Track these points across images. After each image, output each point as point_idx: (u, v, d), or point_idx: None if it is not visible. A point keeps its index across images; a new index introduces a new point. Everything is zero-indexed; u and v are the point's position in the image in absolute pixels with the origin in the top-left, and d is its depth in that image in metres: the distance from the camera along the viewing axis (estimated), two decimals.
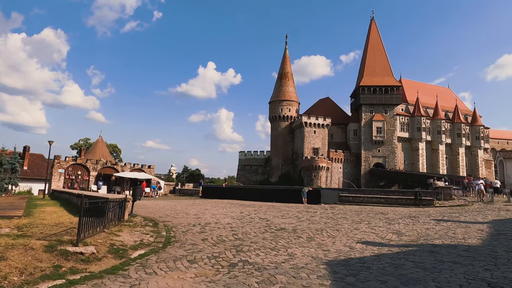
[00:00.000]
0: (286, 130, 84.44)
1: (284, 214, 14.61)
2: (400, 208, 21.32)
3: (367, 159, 75.55)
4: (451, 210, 18.63)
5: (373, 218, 13.63)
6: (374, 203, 24.97)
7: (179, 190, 37.68)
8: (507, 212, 16.45)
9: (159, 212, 15.01)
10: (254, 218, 12.77)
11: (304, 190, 24.55)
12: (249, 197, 27.96)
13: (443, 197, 24.92)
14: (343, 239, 8.87)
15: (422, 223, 12.18)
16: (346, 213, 15.97)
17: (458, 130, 79.88)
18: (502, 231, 9.96)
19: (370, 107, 76.69)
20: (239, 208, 17.36)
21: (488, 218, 13.72)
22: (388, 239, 8.97)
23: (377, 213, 15.94)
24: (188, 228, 10.24)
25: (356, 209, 19.22)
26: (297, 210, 17.06)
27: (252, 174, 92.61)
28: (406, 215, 15.24)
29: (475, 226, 11.28)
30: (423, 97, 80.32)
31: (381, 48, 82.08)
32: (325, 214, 14.79)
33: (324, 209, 17.94)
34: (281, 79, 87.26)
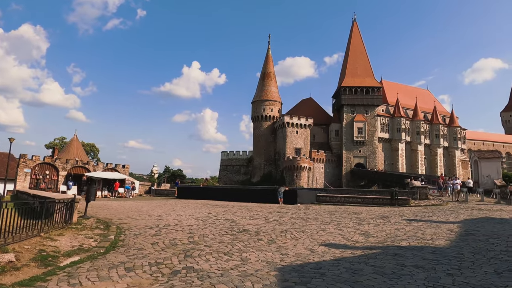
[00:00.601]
0: (269, 130, 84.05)
1: (253, 214, 13.99)
2: (375, 208, 21.07)
3: (349, 159, 76.03)
4: (426, 209, 18.48)
5: (344, 218, 13.19)
6: (351, 203, 24.72)
7: (155, 190, 36.56)
8: (479, 211, 16.37)
9: (122, 213, 14.10)
10: (219, 219, 12.08)
11: (280, 190, 24.02)
12: (225, 198, 27.26)
13: (419, 197, 24.92)
14: (306, 241, 8.31)
15: (393, 223, 11.80)
16: (319, 213, 15.49)
17: (437, 131, 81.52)
18: (471, 231, 9.64)
19: (351, 107, 77.23)
20: (209, 209, 16.63)
21: (460, 218, 13.51)
22: (354, 240, 8.47)
23: (350, 213, 15.53)
24: (143, 230, 9.46)
25: (331, 209, 18.81)
26: (269, 210, 16.47)
27: (234, 174, 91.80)
28: (379, 215, 14.89)
29: (446, 226, 10.96)
30: (403, 98, 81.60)
31: (362, 50, 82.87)
32: (297, 215, 14.25)
33: (298, 209, 17.42)
34: (263, 79, 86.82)
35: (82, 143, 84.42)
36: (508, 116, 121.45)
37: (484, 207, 18.75)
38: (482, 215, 14.42)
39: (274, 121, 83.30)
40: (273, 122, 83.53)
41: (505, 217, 13.67)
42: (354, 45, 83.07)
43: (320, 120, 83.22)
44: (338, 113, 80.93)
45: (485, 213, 15.62)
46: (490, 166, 30.36)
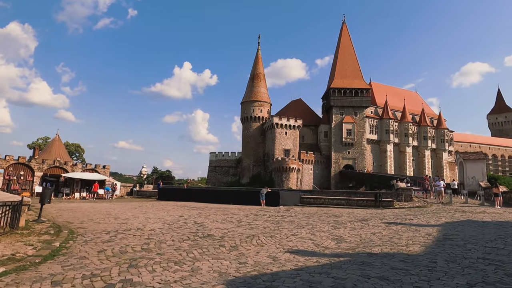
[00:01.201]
0: (258, 131, 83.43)
1: (227, 217, 13.28)
2: (359, 210, 20.56)
3: (337, 160, 75.88)
4: (409, 211, 18.03)
5: (322, 221, 12.58)
6: (335, 205, 24.20)
7: (137, 191, 35.54)
8: (462, 213, 15.96)
9: (87, 216, 13.26)
10: (188, 223, 11.35)
11: (262, 191, 23.37)
12: (208, 199, 26.50)
13: (404, 198, 24.54)
14: (272, 247, 7.64)
15: (371, 226, 11.23)
16: (297, 216, 14.87)
17: (424, 133, 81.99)
18: (450, 235, 9.11)
19: (340, 109, 77.14)
20: (184, 211, 15.87)
21: (442, 221, 13.03)
22: (324, 246, 7.84)
23: (330, 216, 14.94)
24: (98, 236, 8.68)
25: (313, 211, 18.20)
26: (247, 213, 15.79)
27: (223, 176, 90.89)
28: (359, 217, 14.33)
29: (425, 229, 10.43)
30: (391, 100, 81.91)
31: (351, 51, 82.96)
32: (273, 218, 13.59)
33: (277, 212, 16.78)
34: (253, 80, 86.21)
35: (67, 143, 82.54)
36: (495, 118, 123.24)
37: (467, 209, 18.38)
38: (464, 218, 13.98)
39: (263, 122, 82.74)
40: (262, 123, 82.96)
41: (487, 219, 13.24)
42: (344, 46, 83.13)
43: (310, 121, 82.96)
44: (327, 114, 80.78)
45: (468, 215, 15.21)
46: (475, 167, 30.24)
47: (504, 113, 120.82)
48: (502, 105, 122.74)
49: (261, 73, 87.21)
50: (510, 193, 25.01)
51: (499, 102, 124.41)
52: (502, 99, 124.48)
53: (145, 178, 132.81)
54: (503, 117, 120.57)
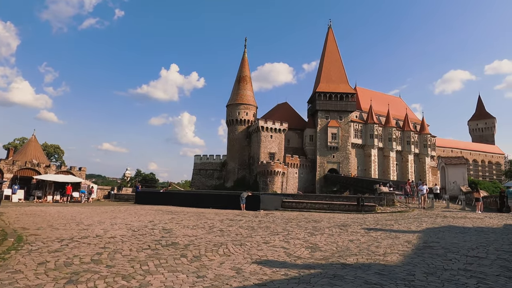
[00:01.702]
0: (243, 134, 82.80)
1: (200, 223, 12.53)
2: (340, 214, 20.10)
3: (322, 164, 75.93)
4: (390, 216, 17.65)
5: (299, 227, 11.98)
6: (317, 209, 23.72)
7: (114, 195, 34.25)
8: (443, 219, 15.66)
9: (48, 221, 12.27)
10: (155, 229, 10.55)
11: (243, 195, 22.67)
12: (187, 203, 25.61)
13: (386, 203, 24.26)
14: (239, 257, 6.96)
15: (350, 233, 10.69)
16: (276, 221, 14.23)
17: (408, 138, 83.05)
18: (430, 243, 8.63)
19: (326, 113, 77.36)
20: (156, 216, 15.01)
21: (423, 226, 12.63)
22: (296, 256, 7.21)
23: (309, 221, 14.37)
24: (47, 244, 7.81)
25: (293, 216, 17.61)
26: (223, 218, 15.05)
27: (207, 179, 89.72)
28: (339, 223, 13.81)
29: (405, 236, 9.95)
30: (376, 105, 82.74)
31: (337, 56, 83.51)
32: (249, 223, 12.91)
33: (255, 217, 16.10)
34: (239, 83, 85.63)
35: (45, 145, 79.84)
36: (475, 124, 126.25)
37: (449, 214, 18.15)
38: (446, 223, 13.63)
39: (249, 125, 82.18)
40: (248, 126, 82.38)
41: (468, 225, 12.92)
42: (329, 51, 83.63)
43: (295, 125, 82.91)
44: (312, 118, 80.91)
45: (449, 220, 14.90)
46: (456, 172, 30.35)
47: (484, 119, 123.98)
48: (483, 112, 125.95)
49: (247, 76, 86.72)
50: (490, 198, 25.09)
51: (479, 109, 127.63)
52: (483, 106, 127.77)
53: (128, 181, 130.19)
54: (483, 123, 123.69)
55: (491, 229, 11.61)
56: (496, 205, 22.27)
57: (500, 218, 15.95)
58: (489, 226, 12.73)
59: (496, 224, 13.24)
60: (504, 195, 21.11)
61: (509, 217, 16.75)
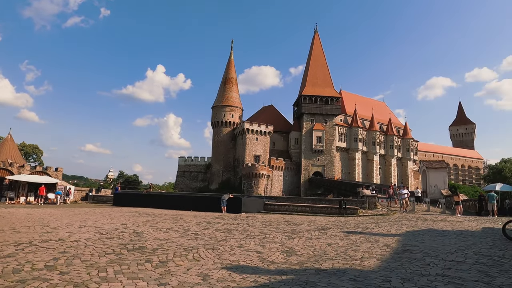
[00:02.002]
0: (228, 136, 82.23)
1: (175, 226, 12.01)
2: (322, 217, 19.89)
3: (307, 167, 76.06)
4: (372, 219, 17.54)
5: (278, 230, 11.62)
6: (300, 212, 23.47)
7: (92, 196, 33.14)
8: (423, 222, 15.61)
9: (11, 224, 11.51)
10: (126, 232, 9.99)
11: (224, 197, 22.19)
12: (167, 205, 24.97)
13: (368, 206, 24.24)
14: (209, 263, 6.53)
15: (329, 236, 10.40)
16: (255, 223, 13.83)
17: (391, 142, 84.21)
18: (409, 246, 8.41)
19: (311, 116, 77.63)
20: (131, 219, 14.39)
21: (403, 229, 12.48)
22: (270, 261, 6.83)
23: (289, 224, 14.04)
24: (1, 249, 7.18)
25: (274, 218, 17.26)
26: (200, 220, 14.56)
27: (191, 181, 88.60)
28: (320, 226, 13.53)
29: (385, 239, 9.73)
30: (360, 109, 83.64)
31: (323, 60, 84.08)
32: (226, 226, 12.47)
33: (235, 219, 15.67)
34: (225, 84, 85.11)
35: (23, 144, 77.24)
36: (456, 130, 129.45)
37: (429, 217, 18.18)
38: (426, 226, 13.54)
39: (234, 127, 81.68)
40: (233, 128, 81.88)
41: (447, 228, 12.85)
42: (315, 55, 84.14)
43: (281, 128, 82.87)
44: (298, 121, 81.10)
45: (429, 224, 14.85)
46: (437, 176, 30.73)
47: (465, 125, 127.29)
48: (463, 118, 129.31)
49: (233, 78, 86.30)
50: (470, 202, 25.44)
51: (460, 115, 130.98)
52: (463, 112, 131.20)
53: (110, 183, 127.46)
54: (464, 128, 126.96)
55: (470, 232, 11.55)
56: (475, 208, 22.55)
57: (478, 221, 16.03)
58: (468, 229, 12.69)
59: (475, 227, 13.24)
60: (483, 199, 21.37)
61: (488, 220, 16.88)
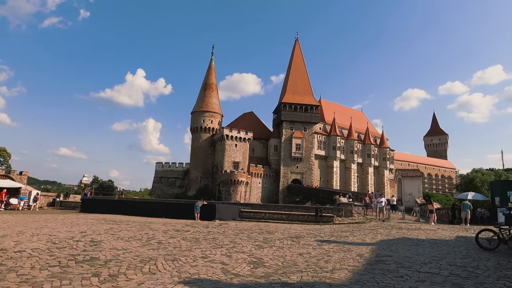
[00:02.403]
0: (208, 142, 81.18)
1: (139, 234, 11.21)
2: (297, 225, 19.47)
3: (286, 175, 75.96)
4: (347, 228, 17.27)
5: (249, 239, 11.06)
6: (276, 219, 22.98)
7: (60, 202, 31.41)
8: (398, 230, 15.46)
9: None
10: (80, 242, 9.13)
11: (198, 204, 21.40)
12: (138, 212, 23.86)
13: (344, 214, 24.05)
14: (166, 276, 5.88)
15: (301, 245, 9.93)
16: (226, 232, 13.20)
17: (369, 151, 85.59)
18: (383, 256, 8.05)
19: (290, 124, 77.86)
20: (93, 226, 13.43)
21: (378, 238, 12.20)
22: (234, 273, 6.25)
23: (263, 232, 13.49)
24: None
25: (247, 226, 16.67)
26: (168, 228, 13.77)
27: (168, 187, 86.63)
28: (294, 234, 13.07)
29: (359, 249, 9.36)
30: (339, 118, 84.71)
31: (303, 68, 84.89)
32: (195, 235, 11.78)
33: (206, 227, 14.97)
34: (205, 90, 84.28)
35: None
36: (430, 140, 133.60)
37: (404, 226, 18.12)
38: (400, 235, 13.35)
39: (213, 133, 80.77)
40: (212, 134, 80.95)
41: (421, 237, 12.69)
42: (296, 63, 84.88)
43: (260, 135, 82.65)
44: (278, 128, 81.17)
45: (404, 232, 14.70)
46: (412, 184, 31.11)
47: (438, 135, 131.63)
48: (437, 128, 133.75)
49: (213, 83, 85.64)
50: (443, 210, 25.78)
51: (434, 126, 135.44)
52: (437, 123, 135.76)
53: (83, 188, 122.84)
54: (437, 139, 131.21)
55: (443, 241, 11.40)
56: (448, 217, 22.80)
57: (452, 230, 16.05)
58: (442, 238, 12.57)
59: (449, 236, 13.16)
60: (456, 207, 21.60)
61: (461, 229, 16.97)
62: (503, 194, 20.46)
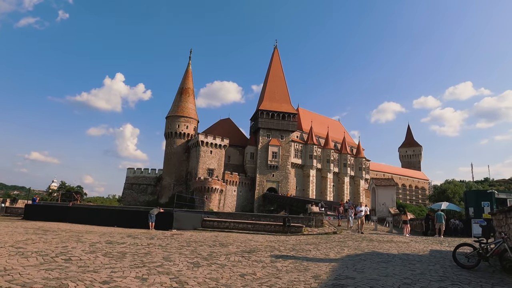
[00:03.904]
0: (182, 148, 78.55)
1: (53, 248, 9.12)
2: (262, 236, 17.75)
3: (262, 183, 74.33)
4: (314, 239, 15.70)
5: (191, 254, 9.22)
6: (241, 229, 21.18)
7: (5, 208, 28.28)
8: (369, 243, 14.02)
9: None
10: None
11: (152, 212, 19.26)
12: (89, 220, 21.37)
13: (315, 224, 22.54)
14: None
15: (251, 262, 8.19)
16: (171, 243, 11.27)
17: (345, 160, 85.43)
18: (343, 279, 6.44)
19: (267, 131, 76.60)
20: (12, 237, 11.16)
21: (344, 253, 10.66)
22: None
23: (216, 245, 11.66)
24: None
25: (205, 236, 14.76)
26: (100, 240, 11.68)
27: (140, 194, 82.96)
28: (249, 248, 11.33)
29: (318, 268, 7.73)
30: (316, 127, 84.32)
31: (281, 76, 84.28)
32: (128, 249, 9.78)
33: (150, 238, 12.95)
34: (181, 94, 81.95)
35: None
36: (404, 151, 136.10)
37: (375, 237, 16.76)
38: (370, 249, 11.88)
39: (188, 139, 78.31)
40: (187, 140, 78.47)
41: (393, 251, 11.26)
42: (274, 70, 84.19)
43: (237, 142, 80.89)
44: (254, 136, 79.67)
45: (375, 245, 13.27)
46: (386, 193, 30.14)
47: (412, 147, 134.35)
48: (411, 140, 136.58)
49: (190, 88, 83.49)
50: (416, 221, 24.80)
51: (408, 137, 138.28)
52: (411, 135, 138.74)
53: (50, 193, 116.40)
54: (412, 150, 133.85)
55: (417, 257, 9.98)
56: (422, 227, 21.75)
57: (426, 242, 14.81)
58: (415, 252, 11.19)
59: (422, 250, 11.80)
60: (430, 218, 20.57)
61: (434, 241, 15.78)
62: (477, 204, 19.62)
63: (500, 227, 10.23)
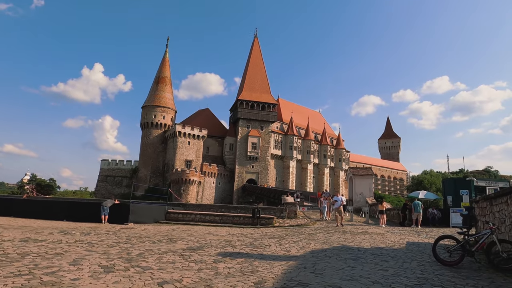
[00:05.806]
0: (159, 139, 75.82)
1: None
2: (227, 228, 16.19)
3: (241, 174, 72.82)
4: (283, 231, 14.24)
5: (120, 252, 7.49)
6: (208, 222, 19.56)
7: None
8: (341, 235, 12.65)
9: None
10: None
11: (105, 204, 17.29)
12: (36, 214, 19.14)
13: (288, 215, 21.14)
14: None
15: (187, 262, 6.54)
16: (106, 241, 9.46)
17: (325, 151, 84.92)
18: (295, 286, 4.89)
19: (247, 122, 74.87)
20: None
21: (309, 248, 9.18)
22: None
23: (162, 241, 9.96)
24: None
25: (160, 230, 13.01)
26: (29, 236, 9.78)
27: (115, 187, 79.83)
28: (201, 243, 9.68)
29: (269, 269, 6.18)
30: (297, 117, 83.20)
31: (261, 66, 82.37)
32: (42, 249, 7.95)
33: (86, 234, 11.10)
34: (157, 83, 78.84)
35: None
36: (384, 143, 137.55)
37: (349, 229, 15.47)
38: (340, 242, 10.48)
39: (165, 130, 75.62)
40: (164, 131, 75.77)
41: (365, 245, 9.89)
42: (254, 59, 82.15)
43: (216, 133, 78.79)
44: (234, 126, 77.77)
45: (347, 237, 11.91)
46: (363, 183, 29.14)
47: (391, 139, 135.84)
48: (390, 132, 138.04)
49: (167, 77, 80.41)
50: (393, 210, 23.90)
51: (388, 129, 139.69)
52: (390, 127, 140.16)
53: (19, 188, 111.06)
54: (391, 142, 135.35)
55: (391, 252, 8.61)
56: (399, 218, 20.75)
57: (402, 233, 13.61)
58: (389, 246, 9.85)
59: (398, 243, 10.50)
60: (407, 207, 19.54)
61: (411, 232, 14.62)
62: (456, 193, 18.68)
63: (484, 216, 9.01)
